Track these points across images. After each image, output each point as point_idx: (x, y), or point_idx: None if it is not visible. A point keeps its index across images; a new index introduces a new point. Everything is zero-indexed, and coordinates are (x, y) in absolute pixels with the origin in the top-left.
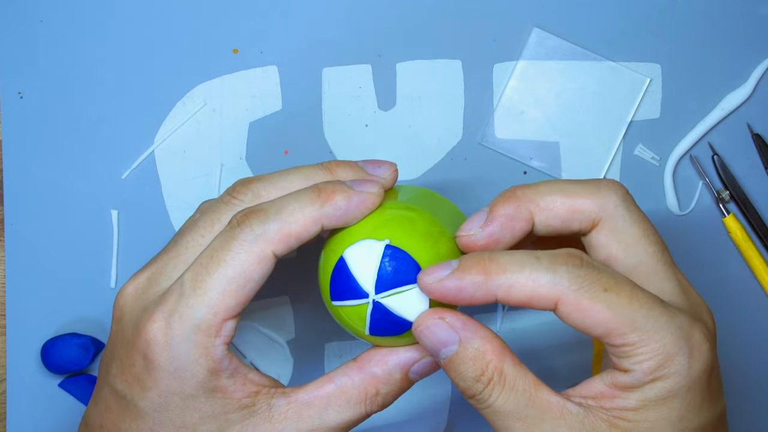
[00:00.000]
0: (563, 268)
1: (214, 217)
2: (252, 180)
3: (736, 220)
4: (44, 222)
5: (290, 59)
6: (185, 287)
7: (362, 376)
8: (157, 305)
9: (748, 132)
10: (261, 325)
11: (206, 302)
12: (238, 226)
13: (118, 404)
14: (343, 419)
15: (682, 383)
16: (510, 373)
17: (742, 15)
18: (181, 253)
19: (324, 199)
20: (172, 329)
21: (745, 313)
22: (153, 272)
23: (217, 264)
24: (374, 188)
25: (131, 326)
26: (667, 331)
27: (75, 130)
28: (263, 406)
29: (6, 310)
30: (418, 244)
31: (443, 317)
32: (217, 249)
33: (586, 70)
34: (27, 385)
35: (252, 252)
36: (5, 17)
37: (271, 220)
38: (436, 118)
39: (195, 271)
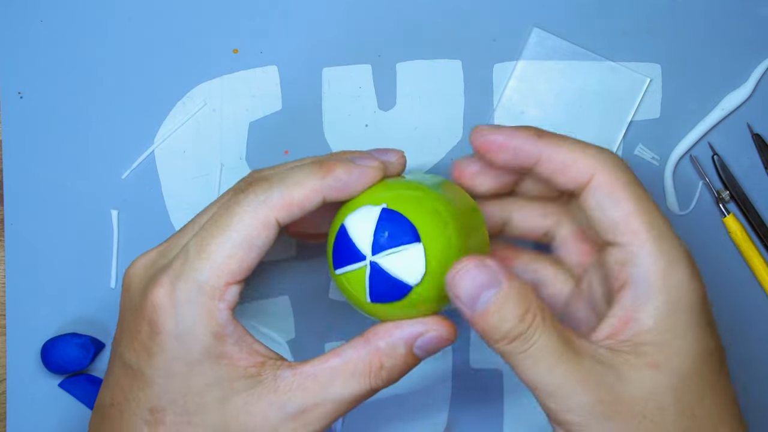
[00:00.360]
0: (607, 152)
1: (224, 198)
2: (262, 170)
3: (736, 220)
4: (44, 222)
5: (290, 59)
6: (190, 252)
7: (367, 349)
8: (163, 271)
9: (748, 132)
10: (261, 325)
11: (210, 265)
12: (242, 192)
13: (126, 376)
14: (349, 392)
15: (686, 295)
16: (548, 314)
17: (742, 15)
18: (190, 230)
19: (325, 170)
20: (177, 291)
21: (745, 313)
22: (165, 246)
23: (221, 228)
24: (374, 162)
25: (138, 294)
26: (674, 242)
27: (75, 130)
28: (269, 377)
29: (6, 310)
30: (414, 207)
31: (483, 261)
32: (221, 215)
33: (586, 70)
34: (27, 385)
35: (255, 217)
36: (5, 17)
37: (274, 188)
38: (436, 118)
39: (200, 236)
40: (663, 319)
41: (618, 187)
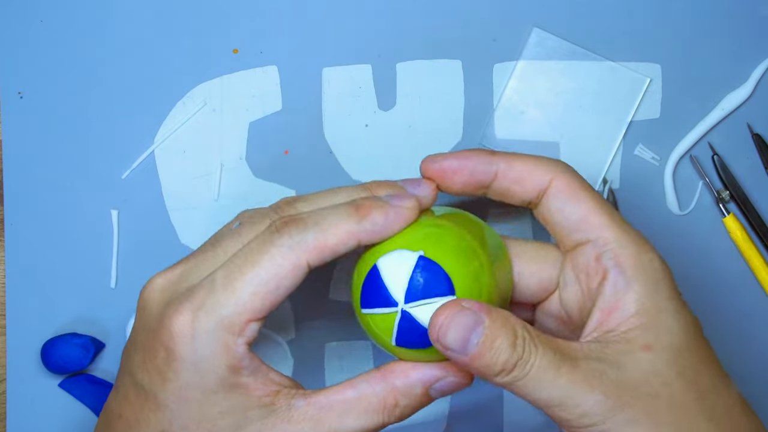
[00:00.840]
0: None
1: (254, 225)
2: (296, 199)
3: (736, 220)
4: (44, 222)
5: (290, 59)
6: (216, 284)
7: (383, 386)
8: (186, 298)
9: (748, 132)
10: (265, 327)
11: (235, 301)
12: (276, 232)
13: (138, 395)
14: (361, 426)
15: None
16: (533, 331)
17: (742, 15)
18: (218, 255)
19: (362, 214)
20: (198, 323)
21: (745, 313)
22: (185, 269)
23: (252, 265)
24: (410, 203)
25: (155, 317)
26: (636, 232)
27: (75, 130)
28: (283, 406)
29: (6, 310)
30: (451, 258)
31: (460, 304)
32: (253, 251)
33: (586, 70)
34: (27, 385)
35: (288, 259)
36: (5, 17)
37: (310, 230)
38: (436, 118)
39: (228, 269)
40: (645, 301)
41: (576, 189)
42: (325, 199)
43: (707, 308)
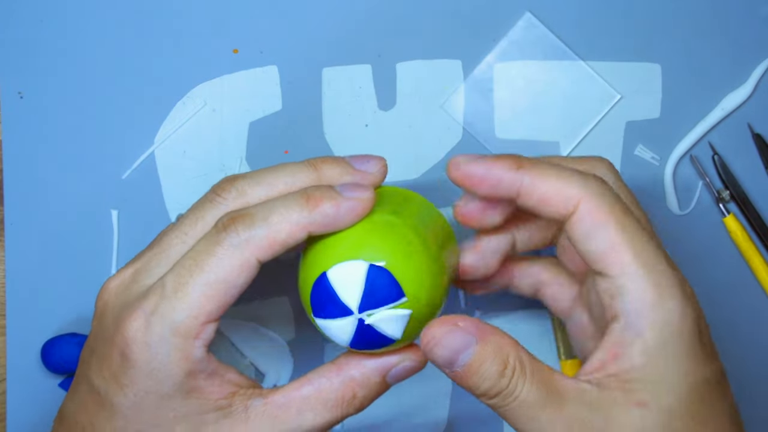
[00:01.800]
0: (592, 178)
1: (198, 215)
2: (237, 177)
3: (736, 220)
4: (44, 222)
5: (290, 59)
6: (167, 289)
7: (340, 378)
8: (138, 304)
9: (748, 132)
10: (261, 325)
11: (187, 305)
12: (223, 231)
13: (94, 400)
14: (320, 422)
15: (677, 326)
16: (529, 362)
17: (742, 15)
18: (164, 250)
19: (312, 205)
20: (151, 329)
21: (745, 313)
22: (136, 269)
23: (200, 268)
24: (364, 194)
25: (111, 322)
26: (663, 270)
27: (75, 130)
28: (239, 407)
29: (6, 310)
30: (401, 263)
31: (456, 323)
32: (200, 253)
33: (564, 68)
34: (27, 385)
35: (236, 258)
36: (5, 17)
37: (257, 226)
38: (436, 118)
39: (177, 273)
40: (652, 355)
41: (603, 216)
42: (269, 176)
43: (707, 308)
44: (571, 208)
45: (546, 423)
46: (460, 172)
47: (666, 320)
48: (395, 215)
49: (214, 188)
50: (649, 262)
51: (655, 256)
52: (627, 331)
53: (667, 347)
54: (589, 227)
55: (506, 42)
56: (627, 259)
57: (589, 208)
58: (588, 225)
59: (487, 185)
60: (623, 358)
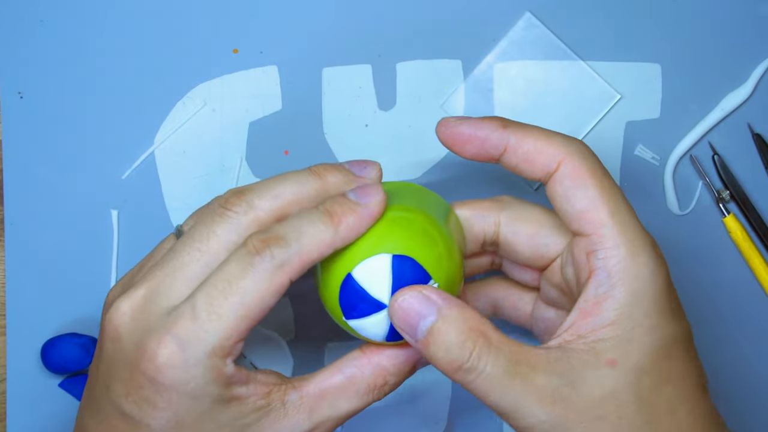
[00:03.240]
0: (575, 141)
1: (209, 230)
2: (244, 190)
3: (736, 220)
4: (44, 222)
5: (290, 59)
6: (198, 311)
7: (372, 368)
8: (166, 328)
9: (748, 132)
10: (261, 325)
11: (220, 328)
12: (257, 254)
13: (126, 423)
14: (353, 408)
15: (649, 285)
16: (494, 336)
17: (742, 15)
18: (178, 269)
19: (337, 222)
20: (185, 353)
21: (745, 313)
22: (149, 289)
23: (235, 292)
24: (378, 196)
25: (133, 347)
26: (638, 232)
27: (75, 130)
28: (277, 404)
29: (6, 310)
30: (419, 247)
31: (419, 290)
32: (235, 276)
33: (564, 68)
34: (27, 385)
35: (272, 281)
36: (5, 17)
37: (293, 250)
38: (436, 118)
39: (209, 295)
40: (623, 312)
41: (583, 176)
42: (275, 187)
43: (707, 308)
44: (554, 166)
45: (517, 396)
46: (449, 131)
47: (638, 276)
48: (403, 207)
49: (221, 202)
50: (624, 220)
51: (629, 216)
52: (599, 288)
53: (637, 303)
54: (570, 186)
55: (506, 42)
56: (604, 217)
57: (570, 168)
58: (568, 184)
59: (475, 145)
60: (595, 317)
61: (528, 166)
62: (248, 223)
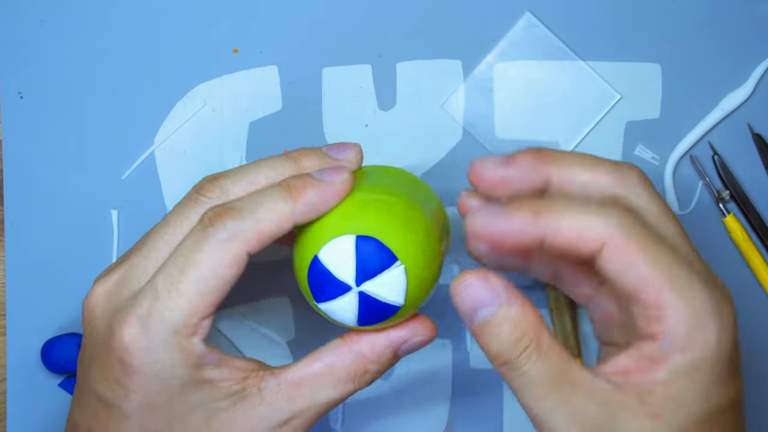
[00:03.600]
0: (615, 212)
1: (182, 215)
2: (218, 176)
3: (736, 220)
4: (44, 222)
5: (290, 59)
6: (159, 290)
7: (351, 356)
8: (131, 308)
9: (748, 132)
10: (261, 325)
11: (182, 304)
12: (211, 226)
13: (104, 408)
14: (333, 397)
15: (711, 354)
16: (547, 342)
17: (742, 15)
18: (149, 252)
19: (296, 196)
20: (149, 333)
21: (745, 313)
22: (122, 273)
23: (191, 265)
24: (343, 175)
25: (104, 329)
26: (701, 299)
27: (75, 130)
28: (253, 390)
29: (6, 310)
30: (385, 228)
31: (487, 277)
32: (190, 249)
33: (564, 68)
34: (27, 385)
35: (226, 252)
36: (5, 17)
37: (246, 220)
38: (436, 118)
39: (168, 273)
40: (679, 376)
41: (630, 256)
42: (250, 173)
43: None
44: (598, 247)
45: (550, 407)
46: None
47: (700, 347)
48: (373, 187)
49: (196, 188)
50: (685, 293)
51: (690, 283)
52: (658, 351)
53: (696, 371)
54: (618, 266)
55: (506, 42)
56: (662, 293)
57: (615, 248)
58: (616, 264)
59: (510, 241)
60: (650, 373)
61: (572, 252)
62: None
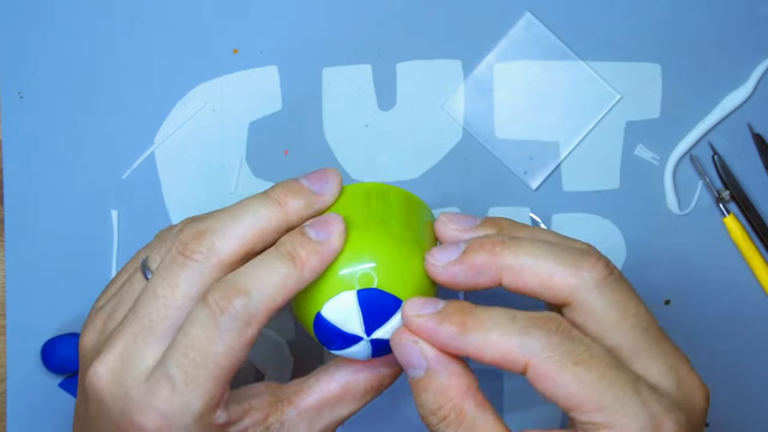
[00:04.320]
0: (536, 332)
1: (171, 282)
2: (203, 231)
3: (736, 220)
4: (44, 222)
5: (290, 59)
6: (176, 382)
7: (368, 372)
8: (148, 402)
9: (748, 132)
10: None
11: (201, 394)
12: (221, 314)
13: None
14: (351, 411)
15: None
16: (470, 414)
17: (742, 15)
18: (147, 329)
19: (300, 266)
20: (174, 426)
21: (745, 313)
22: (123, 350)
23: (205, 357)
24: (338, 228)
25: (118, 415)
26: (635, 417)
27: (75, 130)
28: (276, 426)
29: (6, 310)
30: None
31: (417, 341)
32: (201, 341)
33: (564, 68)
34: (27, 385)
35: (241, 339)
36: (5, 17)
37: (254, 301)
38: (436, 118)
39: (182, 364)
40: None
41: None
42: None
43: (707, 308)
44: (521, 368)
45: None
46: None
47: None
48: (364, 224)
49: (179, 247)
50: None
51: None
52: None
53: None
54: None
55: (506, 42)
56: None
57: (537, 371)
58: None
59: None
60: None
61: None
62: (211, 270)
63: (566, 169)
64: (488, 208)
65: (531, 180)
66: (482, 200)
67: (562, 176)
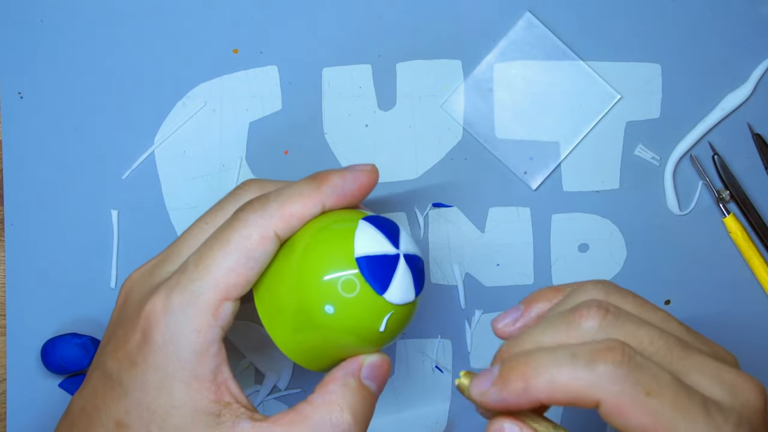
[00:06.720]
0: (602, 367)
1: (218, 207)
2: (260, 179)
3: (736, 220)
4: (44, 222)
5: (290, 59)
6: (189, 265)
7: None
8: (161, 283)
9: (748, 132)
10: (261, 326)
11: (207, 276)
12: (241, 211)
13: (104, 384)
14: None
15: None
16: None
17: (742, 15)
18: (186, 240)
19: (320, 180)
20: (171, 301)
21: (745, 313)
22: (159, 260)
23: (220, 243)
24: (367, 166)
25: (135, 307)
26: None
27: (75, 130)
28: (228, 422)
29: (6, 310)
30: None
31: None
32: (220, 231)
33: (565, 68)
34: (27, 385)
35: (254, 230)
36: (5, 17)
37: (272, 202)
38: (436, 118)
39: (199, 252)
40: None
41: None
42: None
43: (707, 308)
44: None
45: None
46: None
47: None
48: None
49: (237, 186)
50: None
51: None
52: None
53: None
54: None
55: (506, 42)
56: None
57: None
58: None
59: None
60: None
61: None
62: None
63: (566, 169)
64: (488, 208)
65: (531, 180)
66: (482, 200)
67: (562, 176)
